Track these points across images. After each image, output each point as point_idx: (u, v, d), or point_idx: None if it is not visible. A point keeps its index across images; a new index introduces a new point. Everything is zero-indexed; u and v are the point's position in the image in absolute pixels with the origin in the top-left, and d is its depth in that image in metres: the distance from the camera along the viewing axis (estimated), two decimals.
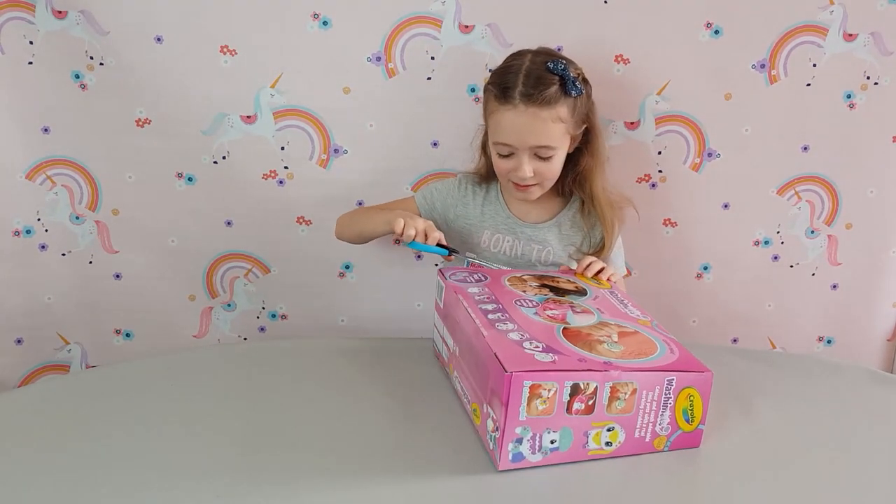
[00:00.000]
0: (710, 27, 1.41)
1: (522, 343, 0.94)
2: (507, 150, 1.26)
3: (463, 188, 1.40)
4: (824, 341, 1.66)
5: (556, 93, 1.22)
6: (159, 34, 1.39)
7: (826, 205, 1.55)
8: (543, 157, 1.26)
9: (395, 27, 1.40)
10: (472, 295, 1.09)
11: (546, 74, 1.23)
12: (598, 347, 0.97)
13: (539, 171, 1.27)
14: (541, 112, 1.22)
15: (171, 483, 0.92)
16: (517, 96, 1.21)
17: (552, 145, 1.25)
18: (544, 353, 0.92)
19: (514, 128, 1.23)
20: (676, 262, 1.59)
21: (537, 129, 1.23)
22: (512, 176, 1.29)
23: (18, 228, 1.52)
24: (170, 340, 1.61)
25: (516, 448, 0.90)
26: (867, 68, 1.44)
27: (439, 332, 1.17)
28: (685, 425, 0.98)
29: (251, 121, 1.45)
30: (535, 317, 1.04)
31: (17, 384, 1.59)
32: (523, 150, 1.25)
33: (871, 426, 1.05)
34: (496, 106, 1.25)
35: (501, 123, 1.24)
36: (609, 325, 1.05)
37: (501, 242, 1.37)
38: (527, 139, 1.24)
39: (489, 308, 1.04)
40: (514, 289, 1.14)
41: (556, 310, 1.07)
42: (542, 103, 1.21)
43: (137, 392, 1.13)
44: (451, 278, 1.16)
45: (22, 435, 1.02)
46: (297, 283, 1.59)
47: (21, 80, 1.42)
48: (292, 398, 1.11)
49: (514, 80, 1.23)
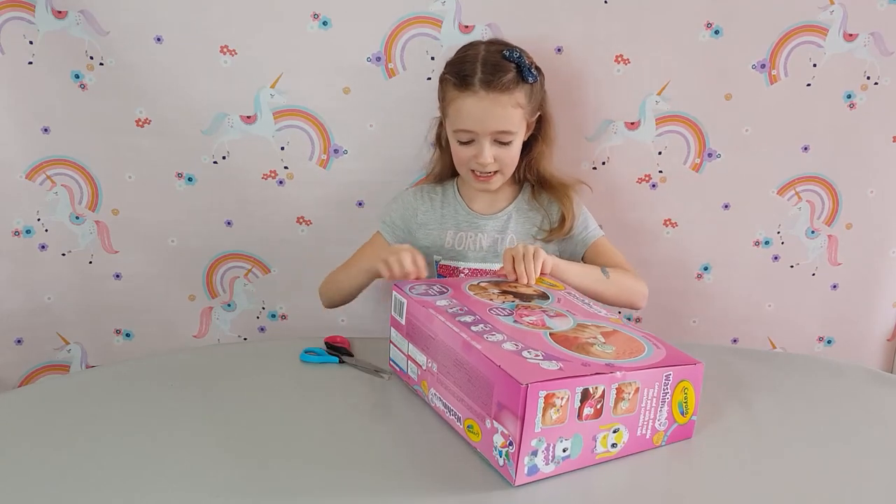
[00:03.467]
0: (710, 27, 1.41)
1: (521, 353, 0.93)
2: (467, 137, 1.28)
3: (419, 197, 1.41)
4: (824, 341, 1.66)
5: (514, 79, 1.25)
6: (159, 34, 1.39)
7: (826, 205, 1.55)
8: (503, 142, 1.28)
9: (395, 27, 1.40)
10: (444, 308, 1.05)
11: (502, 62, 1.26)
12: (593, 350, 0.96)
13: (499, 157, 1.29)
14: (501, 97, 1.24)
15: (170, 483, 0.92)
16: (477, 83, 1.24)
17: (512, 130, 1.27)
18: (547, 360, 0.92)
19: (475, 113, 1.25)
20: (676, 262, 1.59)
21: (498, 114, 1.25)
22: (472, 164, 1.30)
23: (18, 228, 1.52)
24: (170, 340, 1.61)
25: (531, 461, 0.89)
26: (867, 68, 1.44)
27: (400, 350, 1.12)
28: (680, 418, 0.98)
29: (251, 121, 1.45)
30: (517, 325, 1.02)
31: (17, 384, 1.59)
32: (484, 135, 1.27)
33: (870, 426, 1.05)
34: (455, 94, 1.27)
35: (462, 110, 1.26)
36: (588, 326, 1.04)
37: (465, 240, 1.38)
38: (488, 124, 1.26)
39: (468, 320, 1.01)
40: (480, 298, 1.11)
41: (532, 316, 1.05)
42: (501, 89, 1.24)
43: (137, 392, 1.13)
44: (412, 292, 1.11)
45: (22, 435, 1.02)
46: (297, 283, 1.58)
47: (21, 80, 1.42)
48: (292, 398, 1.11)
49: (473, 68, 1.25)
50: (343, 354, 1.22)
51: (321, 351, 1.24)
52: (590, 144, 1.49)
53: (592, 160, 1.51)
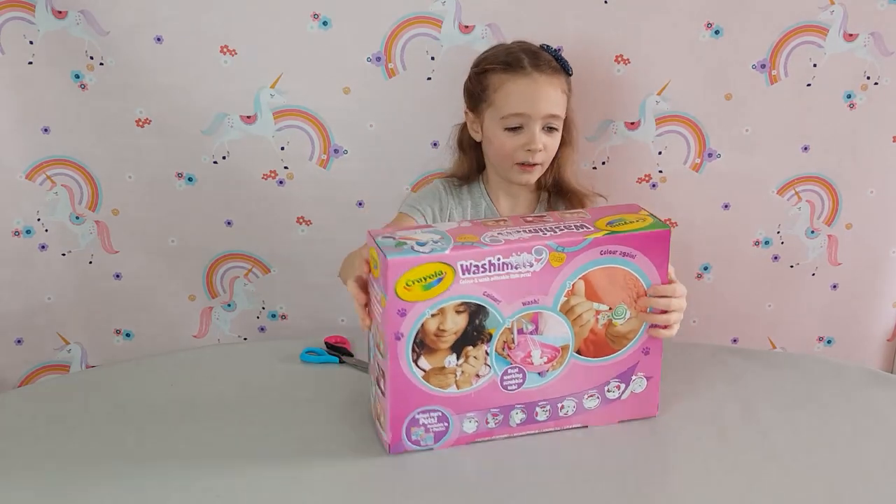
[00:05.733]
0: (710, 27, 1.41)
1: None
2: (517, 122, 1.24)
3: (448, 194, 1.36)
4: (824, 341, 1.66)
5: (557, 67, 1.26)
6: (159, 34, 1.39)
7: (826, 205, 1.55)
8: (553, 127, 1.27)
9: (395, 27, 1.40)
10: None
11: (541, 51, 1.27)
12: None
13: (547, 145, 1.26)
14: (551, 79, 1.25)
15: (170, 483, 0.92)
16: (527, 65, 1.24)
17: (560, 115, 1.27)
18: None
19: (528, 95, 1.23)
20: (676, 262, 1.58)
21: (551, 95, 1.24)
22: (520, 154, 1.26)
23: (18, 228, 1.52)
24: (170, 340, 1.61)
25: None
26: (867, 68, 1.44)
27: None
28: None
29: (251, 121, 1.45)
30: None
31: (17, 384, 1.59)
32: (536, 119, 1.24)
33: (871, 426, 1.05)
34: (505, 78, 1.24)
35: (514, 93, 1.24)
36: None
37: None
38: (541, 106, 1.24)
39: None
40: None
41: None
42: (551, 71, 1.25)
43: (137, 392, 1.13)
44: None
45: (22, 435, 1.02)
46: (297, 283, 1.58)
47: (21, 80, 1.42)
48: (292, 398, 1.11)
49: (518, 55, 1.25)
50: (343, 354, 1.22)
51: (321, 351, 1.24)
52: (590, 144, 1.49)
53: (592, 160, 1.51)
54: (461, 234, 0.95)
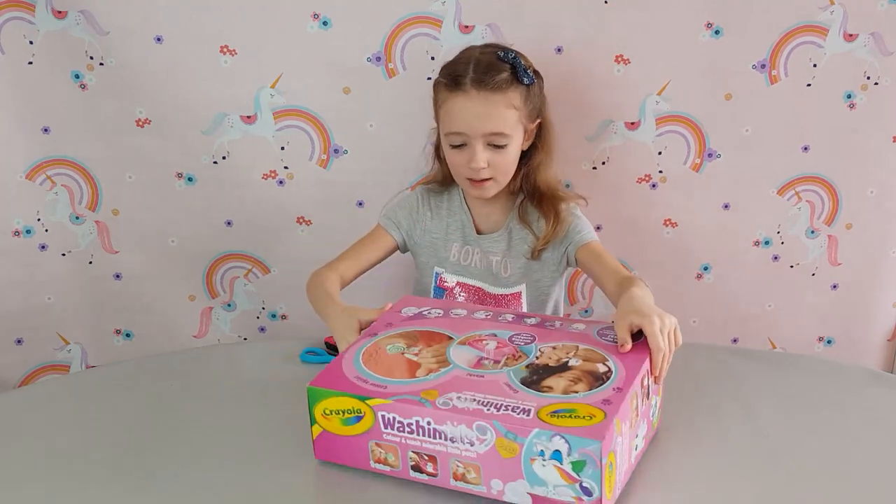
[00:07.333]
0: (710, 27, 1.41)
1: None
2: (459, 140, 1.23)
3: (424, 203, 1.36)
4: (824, 341, 1.66)
5: (508, 79, 1.20)
6: (159, 34, 1.39)
7: (826, 205, 1.55)
8: (498, 144, 1.22)
9: (395, 27, 1.40)
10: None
11: (497, 62, 1.21)
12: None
13: (493, 162, 1.23)
14: (493, 96, 1.19)
15: (170, 483, 0.92)
16: (468, 82, 1.19)
17: (506, 132, 1.22)
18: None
19: (465, 114, 1.21)
20: (676, 262, 1.59)
21: (490, 113, 1.20)
22: (465, 170, 1.25)
23: (18, 228, 1.52)
24: (170, 340, 1.62)
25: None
26: (867, 68, 1.44)
27: None
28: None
29: (251, 121, 1.45)
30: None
31: (17, 384, 1.59)
32: (476, 137, 1.21)
33: (871, 426, 1.05)
34: (446, 95, 1.22)
35: (452, 111, 1.22)
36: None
37: (471, 255, 1.34)
38: (479, 125, 1.20)
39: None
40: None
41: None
42: (493, 88, 1.19)
43: (137, 392, 1.13)
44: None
45: (22, 435, 1.02)
46: (297, 283, 1.57)
47: (21, 80, 1.43)
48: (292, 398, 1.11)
49: (465, 69, 1.21)
50: None
51: (321, 351, 1.24)
52: (590, 144, 1.49)
53: (592, 160, 1.51)
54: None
